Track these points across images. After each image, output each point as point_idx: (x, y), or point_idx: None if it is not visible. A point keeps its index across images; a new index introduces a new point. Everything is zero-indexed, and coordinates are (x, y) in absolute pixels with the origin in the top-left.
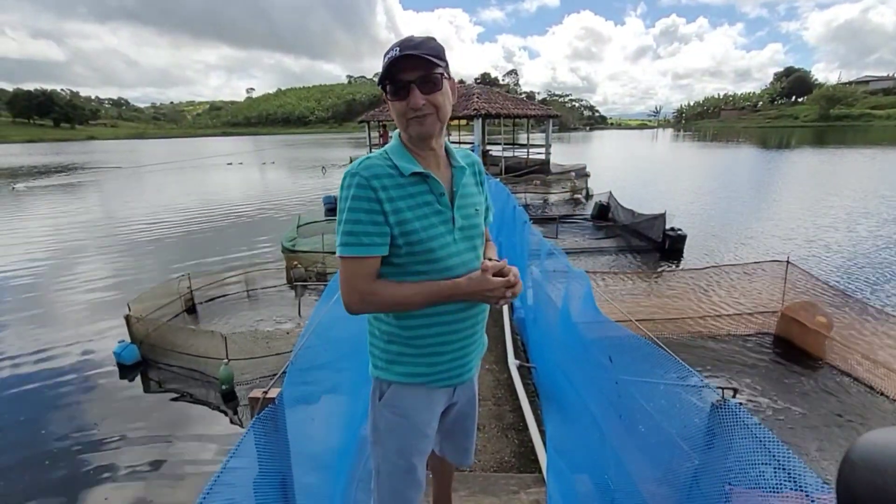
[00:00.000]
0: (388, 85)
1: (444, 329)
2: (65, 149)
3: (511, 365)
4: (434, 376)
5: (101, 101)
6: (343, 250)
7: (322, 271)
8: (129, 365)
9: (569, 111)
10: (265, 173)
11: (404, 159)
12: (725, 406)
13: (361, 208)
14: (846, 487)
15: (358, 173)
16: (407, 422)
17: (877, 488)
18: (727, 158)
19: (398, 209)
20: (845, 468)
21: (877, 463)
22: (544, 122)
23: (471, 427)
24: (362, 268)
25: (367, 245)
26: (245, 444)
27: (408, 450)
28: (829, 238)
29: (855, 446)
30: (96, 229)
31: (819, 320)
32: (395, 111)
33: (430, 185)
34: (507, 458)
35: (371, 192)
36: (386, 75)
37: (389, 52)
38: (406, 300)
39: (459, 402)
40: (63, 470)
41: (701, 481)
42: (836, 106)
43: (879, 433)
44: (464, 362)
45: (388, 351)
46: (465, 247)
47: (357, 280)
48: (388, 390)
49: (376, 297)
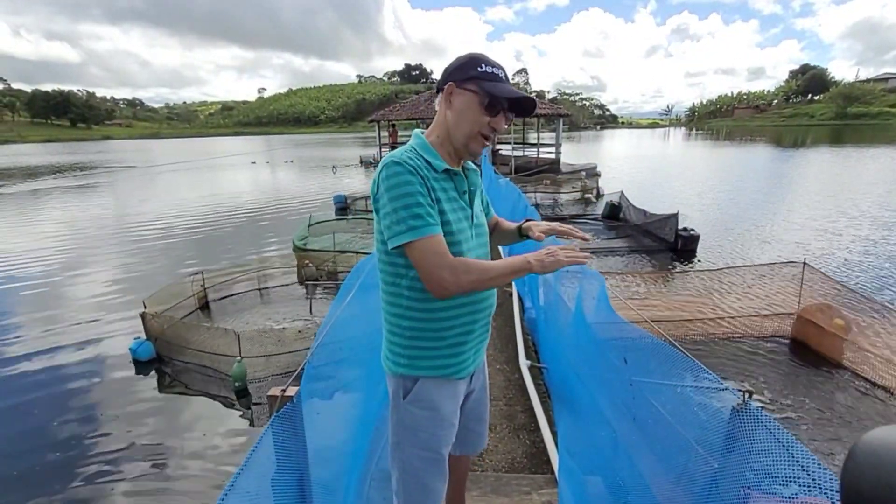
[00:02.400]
0: (494, 97)
1: (468, 319)
2: (82, 148)
3: (522, 365)
4: (458, 367)
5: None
6: (414, 234)
7: (333, 270)
8: (144, 361)
9: (579, 110)
10: (277, 172)
11: (434, 157)
12: (746, 409)
13: (419, 192)
14: (851, 483)
15: (404, 162)
16: (437, 414)
17: (882, 484)
18: (741, 157)
19: (438, 199)
20: (850, 464)
21: (882, 459)
22: (554, 121)
23: (485, 411)
24: (441, 245)
25: (434, 224)
26: (264, 442)
27: (437, 442)
28: (848, 239)
29: (860, 442)
30: (113, 228)
31: (836, 323)
32: (474, 119)
33: (456, 183)
34: (518, 459)
35: (420, 179)
36: (497, 88)
37: (495, 67)
38: (491, 267)
39: (476, 389)
40: (78, 463)
41: (720, 486)
42: (854, 104)
43: (885, 430)
44: (479, 350)
45: (412, 347)
46: (478, 242)
47: (442, 257)
48: (415, 387)
49: (466, 266)
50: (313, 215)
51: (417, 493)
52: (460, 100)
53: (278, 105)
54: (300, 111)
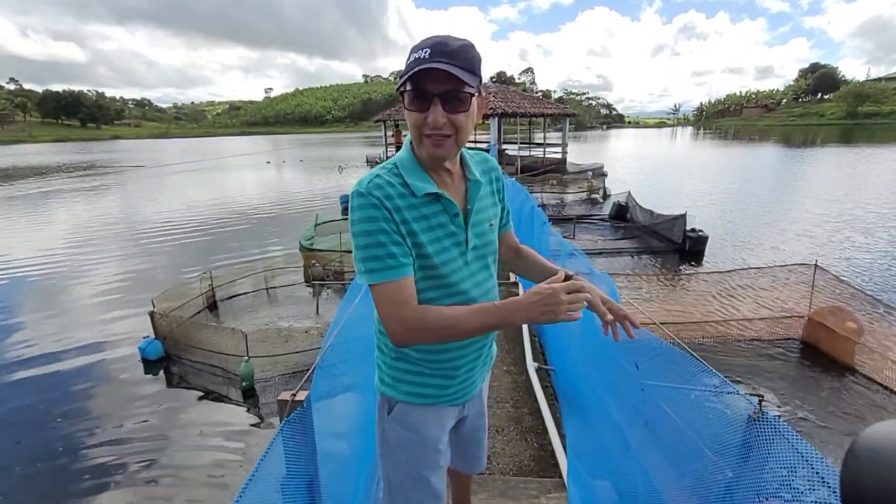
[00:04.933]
0: (409, 92)
1: (458, 354)
2: (93, 148)
3: (530, 367)
4: (443, 398)
5: (125, 102)
6: (370, 277)
7: (339, 270)
8: (153, 360)
9: (585, 109)
10: (292, 172)
11: (417, 177)
12: (763, 418)
13: (381, 229)
14: (851, 478)
15: (370, 193)
16: (418, 437)
17: (881, 479)
18: (750, 157)
19: (412, 231)
20: (850, 459)
21: (882, 454)
22: (560, 120)
23: (482, 437)
24: (399, 293)
25: (396, 267)
26: (274, 447)
27: (419, 463)
28: (861, 240)
29: (860, 438)
30: (126, 227)
31: (848, 326)
32: (411, 122)
33: (443, 205)
34: (526, 462)
35: (386, 213)
36: (407, 79)
37: (417, 51)
38: (457, 322)
39: (470, 415)
40: (84, 460)
41: (734, 496)
42: (865, 103)
43: (885, 425)
44: (473, 381)
45: (395, 368)
46: (478, 266)
47: (396, 308)
48: (397, 406)
49: (423, 323)
50: (320, 215)
51: None
52: (405, 100)
53: (285, 105)
54: (307, 111)
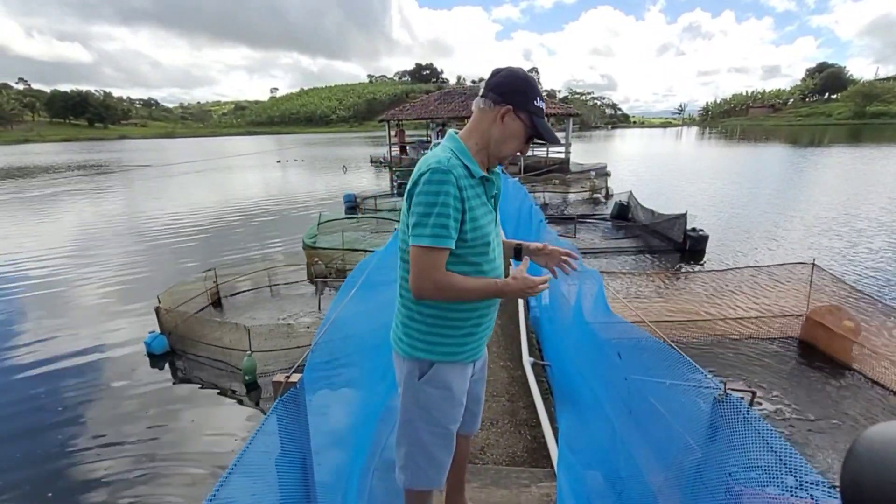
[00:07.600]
0: (538, 134)
1: (481, 312)
2: (101, 147)
3: (526, 363)
4: (470, 352)
5: (132, 102)
6: (433, 241)
7: (342, 268)
8: (158, 354)
9: (590, 109)
10: (302, 172)
11: (472, 163)
12: (727, 400)
13: (453, 205)
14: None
15: (450, 171)
16: (450, 394)
17: (881, 480)
18: (755, 157)
19: (472, 206)
20: (850, 459)
21: (882, 455)
22: (564, 120)
23: (482, 392)
24: (441, 258)
25: (450, 238)
26: (268, 423)
27: (447, 419)
28: (859, 240)
29: (860, 439)
30: (132, 226)
31: (846, 325)
32: (517, 144)
33: (486, 188)
34: (519, 453)
35: (459, 192)
36: (542, 127)
37: (538, 95)
38: (469, 292)
39: (476, 371)
40: (88, 451)
41: (704, 474)
42: (873, 103)
43: (885, 426)
44: (486, 338)
45: (431, 333)
46: (499, 241)
47: (435, 270)
48: (431, 369)
49: (448, 286)
50: (323, 214)
51: (426, 465)
52: (514, 125)
53: (290, 105)
54: (311, 111)
